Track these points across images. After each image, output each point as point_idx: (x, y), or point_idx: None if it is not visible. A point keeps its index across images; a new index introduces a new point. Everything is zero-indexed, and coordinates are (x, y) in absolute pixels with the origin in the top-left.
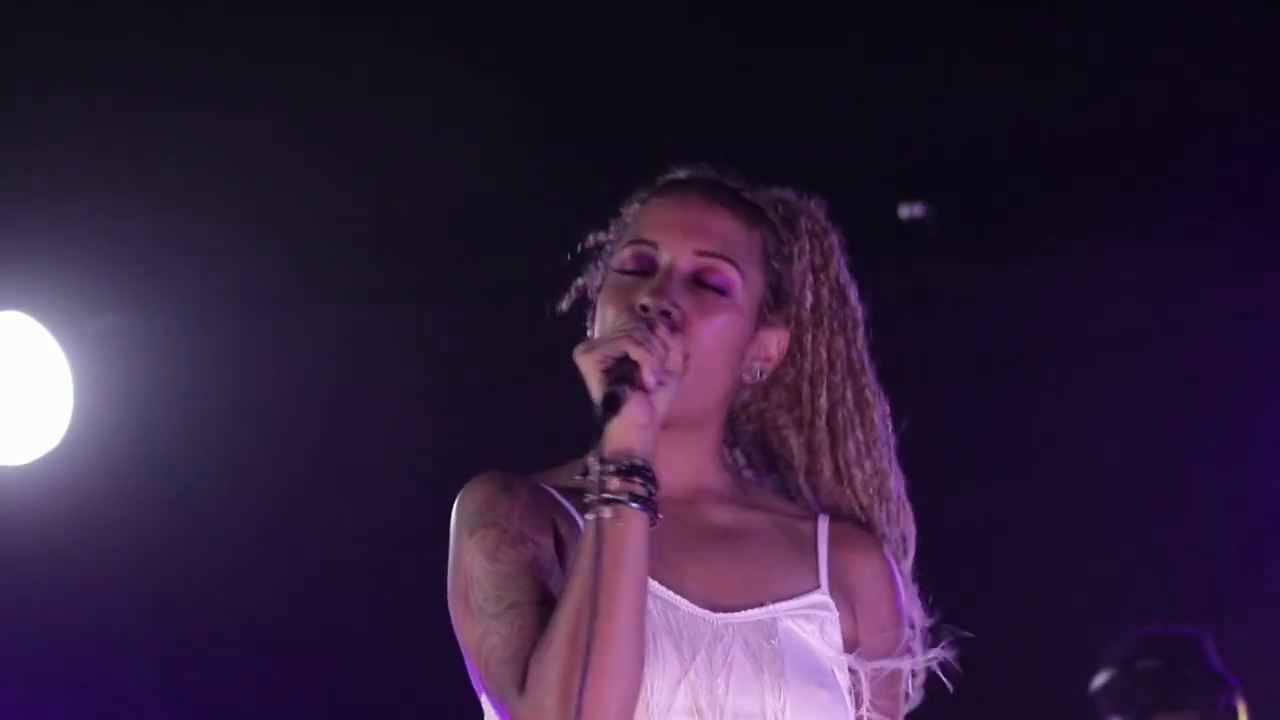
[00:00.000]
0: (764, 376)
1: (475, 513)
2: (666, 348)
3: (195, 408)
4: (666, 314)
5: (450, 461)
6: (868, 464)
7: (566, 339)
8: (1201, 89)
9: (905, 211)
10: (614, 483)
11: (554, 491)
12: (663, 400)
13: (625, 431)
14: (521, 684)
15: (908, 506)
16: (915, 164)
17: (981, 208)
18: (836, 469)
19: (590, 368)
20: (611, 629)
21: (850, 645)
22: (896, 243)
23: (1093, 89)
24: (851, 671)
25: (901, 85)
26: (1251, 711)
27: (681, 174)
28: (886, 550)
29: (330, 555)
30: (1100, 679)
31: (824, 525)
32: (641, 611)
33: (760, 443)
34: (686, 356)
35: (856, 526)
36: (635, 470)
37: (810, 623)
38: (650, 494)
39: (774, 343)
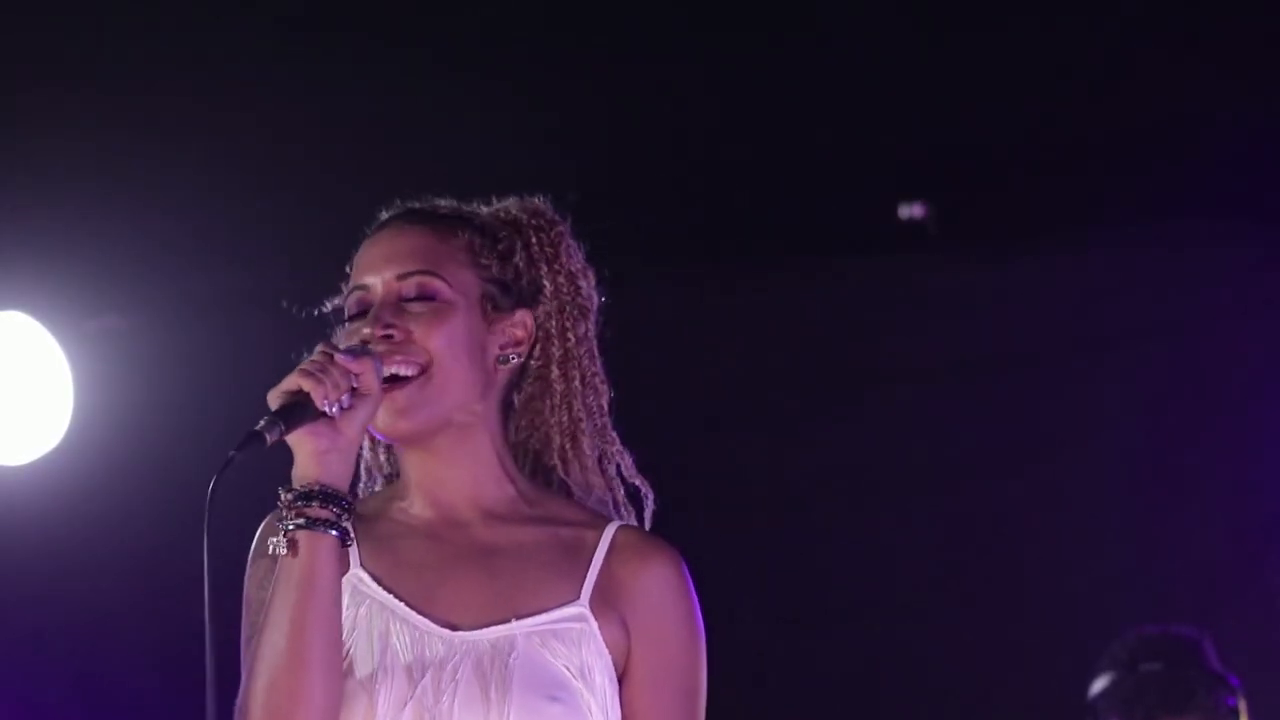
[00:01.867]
0: (520, 359)
1: (259, 543)
2: (348, 372)
3: (195, 407)
4: (388, 336)
5: None
6: (613, 448)
7: None
8: (1202, 89)
9: (905, 211)
10: (291, 510)
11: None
12: (353, 424)
13: (306, 459)
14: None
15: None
16: (915, 164)
17: (981, 208)
18: (603, 455)
19: (272, 404)
20: (299, 649)
21: (621, 656)
22: (896, 243)
23: (1093, 89)
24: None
25: (902, 85)
26: (1251, 711)
27: (383, 216)
28: (673, 559)
29: None
30: (1101, 682)
31: (609, 534)
32: (330, 630)
33: (528, 443)
34: (424, 369)
35: (644, 536)
36: (314, 495)
37: (558, 638)
38: (334, 516)
39: (518, 325)
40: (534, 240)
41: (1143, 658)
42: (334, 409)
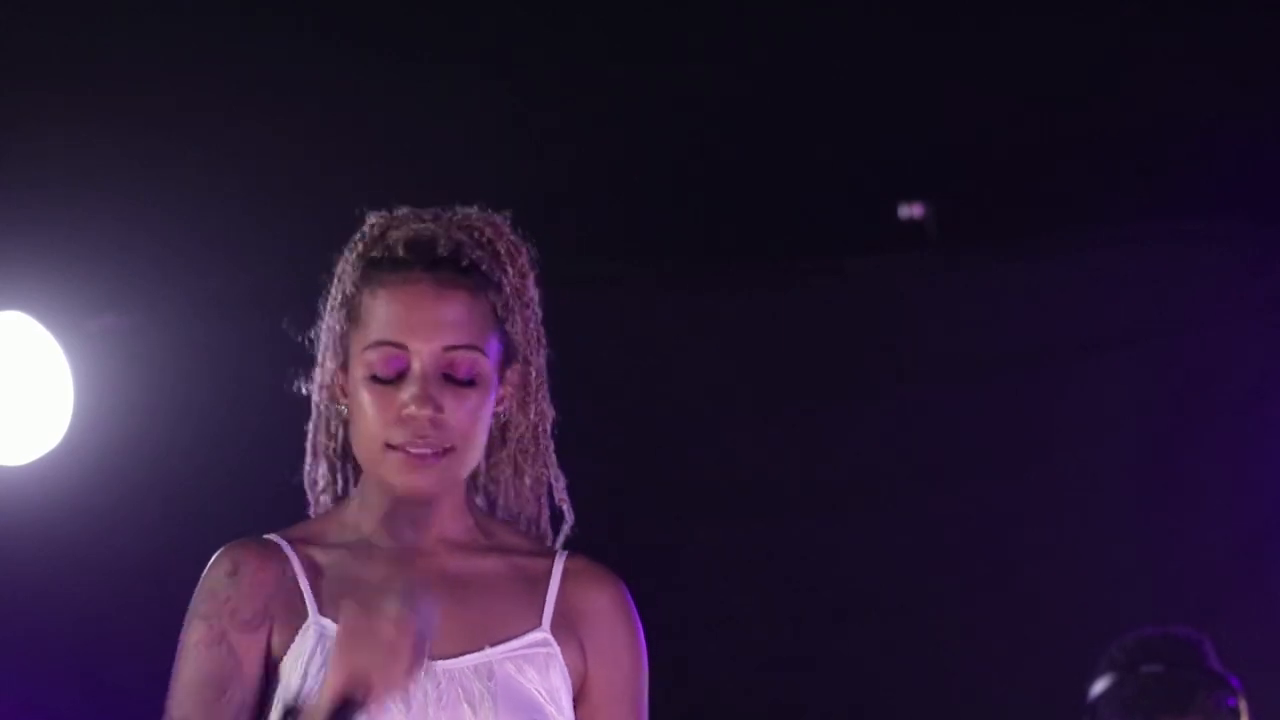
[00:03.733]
0: (507, 414)
1: (201, 599)
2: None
3: (195, 408)
4: (433, 420)
5: None
6: (549, 472)
7: (563, 339)
8: (1201, 89)
9: (905, 211)
10: None
11: (295, 562)
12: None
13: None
14: None
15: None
16: (915, 164)
17: (981, 207)
18: (536, 479)
19: (340, 683)
20: None
21: (579, 678)
22: (896, 243)
23: (1092, 88)
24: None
25: (901, 84)
26: (1252, 712)
27: (400, 251)
28: (620, 587)
29: None
30: (1101, 684)
31: (560, 562)
32: None
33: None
34: (450, 449)
35: (592, 563)
36: None
37: (529, 663)
38: None
39: (511, 382)
40: (509, 270)
41: (1143, 659)
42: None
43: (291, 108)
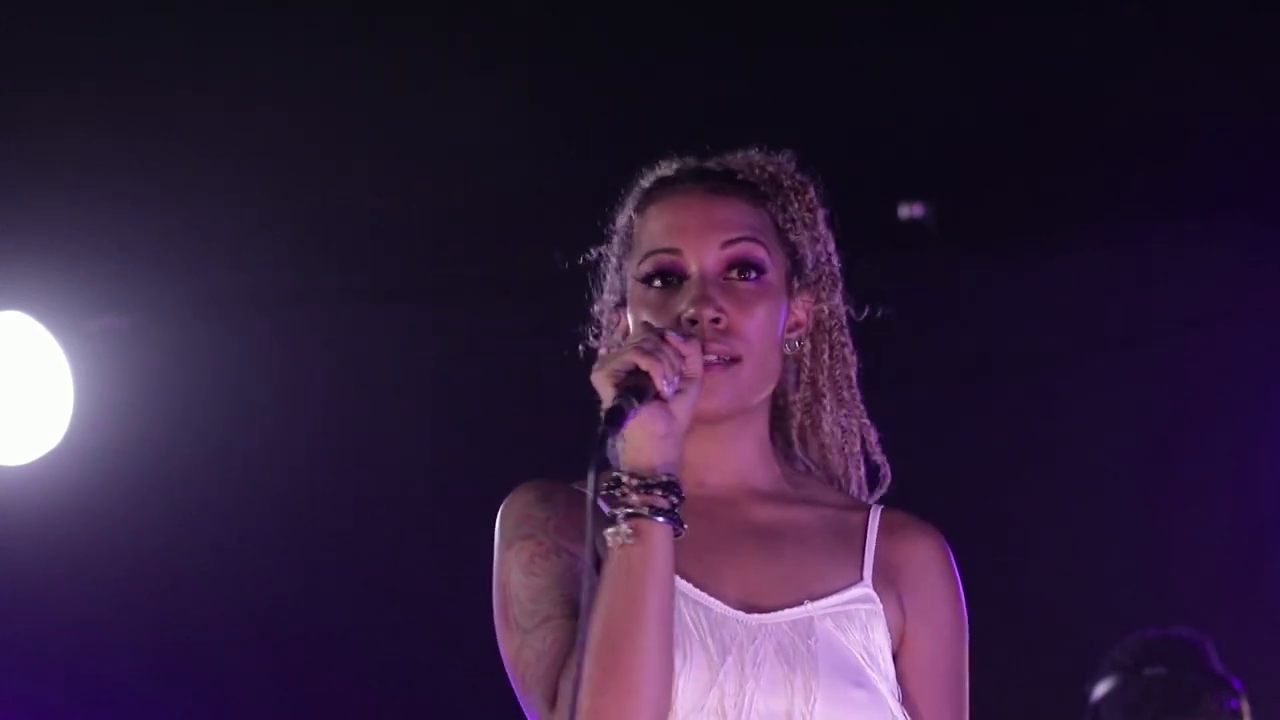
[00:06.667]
0: (801, 347)
1: (513, 525)
2: (680, 355)
3: (195, 408)
4: (716, 320)
5: (450, 461)
6: (855, 423)
7: (567, 339)
8: (1202, 89)
9: (905, 211)
10: (634, 497)
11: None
12: (683, 407)
13: (644, 443)
14: (552, 700)
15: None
16: (915, 164)
17: (981, 207)
18: (836, 431)
19: (603, 383)
20: (636, 647)
21: (899, 637)
22: (896, 243)
23: (1092, 88)
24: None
25: (901, 85)
26: (1254, 713)
27: (668, 172)
28: (942, 541)
29: (329, 554)
30: (1103, 687)
31: (875, 516)
32: (668, 627)
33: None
34: (738, 359)
35: (910, 516)
36: (656, 483)
37: (850, 620)
38: (673, 505)
39: (802, 310)
40: (794, 205)
41: (1145, 661)
42: (670, 390)
43: (293, 107)
